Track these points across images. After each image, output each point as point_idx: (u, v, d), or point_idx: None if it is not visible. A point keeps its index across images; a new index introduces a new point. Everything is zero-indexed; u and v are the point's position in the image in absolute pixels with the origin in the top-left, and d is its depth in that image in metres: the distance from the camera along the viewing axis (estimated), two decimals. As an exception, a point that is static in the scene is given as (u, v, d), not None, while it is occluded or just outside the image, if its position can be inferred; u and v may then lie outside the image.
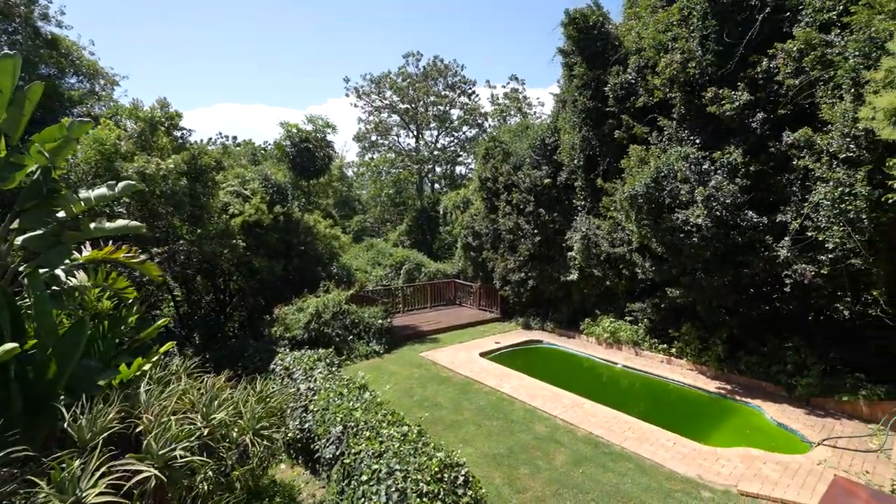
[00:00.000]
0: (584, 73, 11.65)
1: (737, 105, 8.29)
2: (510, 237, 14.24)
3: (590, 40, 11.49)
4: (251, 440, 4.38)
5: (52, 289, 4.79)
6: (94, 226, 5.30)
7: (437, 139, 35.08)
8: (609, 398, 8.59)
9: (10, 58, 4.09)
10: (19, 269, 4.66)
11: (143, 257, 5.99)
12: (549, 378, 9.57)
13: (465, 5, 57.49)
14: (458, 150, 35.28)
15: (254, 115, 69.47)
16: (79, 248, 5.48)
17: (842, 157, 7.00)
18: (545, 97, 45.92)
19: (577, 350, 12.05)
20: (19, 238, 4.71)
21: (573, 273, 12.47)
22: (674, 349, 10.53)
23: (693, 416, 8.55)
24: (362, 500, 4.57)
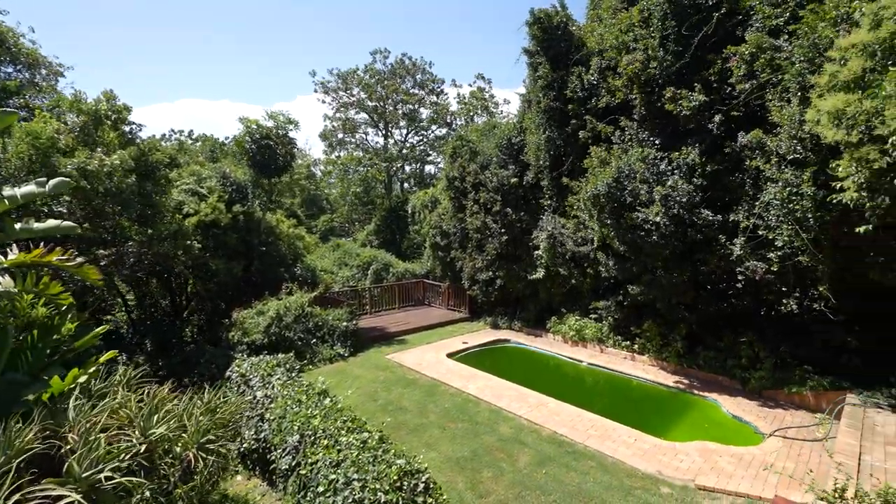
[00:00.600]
0: (548, 73, 11.75)
1: (694, 105, 8.52)
2: (478, 236, 14.21)
3: (554, 41, 11.60)
4: (195, 455, 4.09)
5: (-31, 296, 4.35)
6: (19, 226, 4.87)
7: (406, 137, 34.75)
8: (574, 396, 8.66)
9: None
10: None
11: (80, 260, 5.53)
12: (515, 378, 9.58)
13: (431, 4, 57.35)
14: (427, 149, 35.03)
15: (219, 111, 67.16)
16: (3, 252, 5.02)
17: (790, 158, 7.29)
18: (512, 97, 46.34)
19: (544, 349, 12.13)
20: (-71, 240, 4.26)
21: (540, 272, 12.55)
22: (636, 346, 10.75)
23: (654, 411, 8.74)
24: (318, 512, 4.38)
